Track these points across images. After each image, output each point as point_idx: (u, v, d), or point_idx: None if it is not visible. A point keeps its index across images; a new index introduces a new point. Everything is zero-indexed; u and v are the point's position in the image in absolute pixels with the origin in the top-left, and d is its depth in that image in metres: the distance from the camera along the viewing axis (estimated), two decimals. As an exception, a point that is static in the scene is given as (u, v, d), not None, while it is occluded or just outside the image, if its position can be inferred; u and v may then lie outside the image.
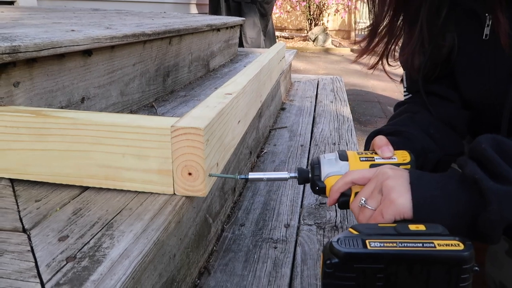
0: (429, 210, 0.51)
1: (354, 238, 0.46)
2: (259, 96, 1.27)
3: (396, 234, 0.47)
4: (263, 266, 0.88)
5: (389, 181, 0.54)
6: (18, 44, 0.70)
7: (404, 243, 0.45)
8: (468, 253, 0.44)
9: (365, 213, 0.56)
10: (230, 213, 1.09)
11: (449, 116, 0.74)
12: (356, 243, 0.45)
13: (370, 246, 0.45)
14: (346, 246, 0.45)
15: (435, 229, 0.47)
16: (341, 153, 0.64)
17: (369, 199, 0.56)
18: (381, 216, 0.53)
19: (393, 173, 0.55)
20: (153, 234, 0.56)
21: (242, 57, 2.42)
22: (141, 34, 1.16)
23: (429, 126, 0.72)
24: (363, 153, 0.65)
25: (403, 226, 0.48)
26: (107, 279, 0.46)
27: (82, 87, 0.97)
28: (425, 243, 0.45)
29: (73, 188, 0.67)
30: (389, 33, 0.72)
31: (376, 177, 0.56)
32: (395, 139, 0.68)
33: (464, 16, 0.68)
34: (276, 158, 1.49)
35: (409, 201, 0.52)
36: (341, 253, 0.45)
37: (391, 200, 0.52)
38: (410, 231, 0.47)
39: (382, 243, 0.45)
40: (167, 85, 1.46)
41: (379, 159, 0.63)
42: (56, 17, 1.36)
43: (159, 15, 2.09)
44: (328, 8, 8.71)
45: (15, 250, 0.51)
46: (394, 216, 0.52)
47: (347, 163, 0.62)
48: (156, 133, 0.63)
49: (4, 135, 0.67)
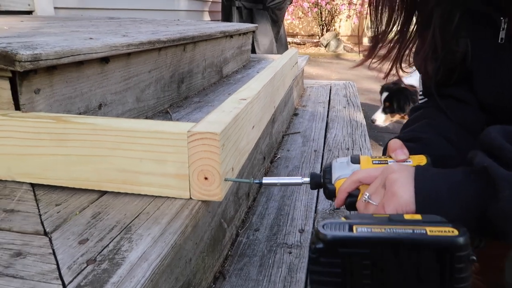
0: (433, 203, 0.49)
1: (341, 224, 0.44)
2: (272, 101, 1.28)
3: (388, 222, 0.44)
4: (278, 271, 0.88)
5: (393, 175, 0.53)
6: (39, 52, 0.72)
7: (393, 228, 0.43)
8: (463, 238, 0.41)
9: (368, 209, 0.55)
10: (244, 218, 1.09)
11: (466, 119, 0.73)
12: (343, 228, 0.44)
13: (357, 231, 0.43)
14: (331, 230, 0.44)
15: (432, 218, 0.44)
16: (354, 156, 0.63)
17: (373, 195, 0.55)
18: (383, 210, 0.52)
19: (398, 167, 0.54)
20: (171, 237, 0.56)
21: (255, 63, 2.44)
22: (156, 41, 1.18)
23: (447, 131, 0.71)
24: (376, 157, 0.64)
25: (397, 215, 0.46)
26: (126, 281, 0.47)
27: (100, 93, 0.99)
28: (416, 230, 0.42)
29: (92, 193, 0.69)
30: (400, 40, 0.72)
31: (382, 173, 0.56)
32: (414, 145, 0.67)
33: (477, 20, 0.68)
34: (289, 163, 1.49)
35: (411, 194, 0.50)
36: (326, 237, 0.43)
37: (393, 192, 0.51)
38: (404, 219, 0.45)
39: (370, 228, 0.43)
40: (182, 91, 1.47)
41: (392, 162, 0.62)
42: (73, 26, 1.39)
43: (173, 23, 2.12)
44: (339, 14, 8.71)
45: (38, 253, 0.52)
46: (396, 209, 0.50)
47: (358, 166, 0.62)
48: (173, 138, 0.64)
49: (25, 141, 0.69)
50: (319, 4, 8.36)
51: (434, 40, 0.68)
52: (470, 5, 0.67)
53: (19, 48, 0.71)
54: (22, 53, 0.69)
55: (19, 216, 0.61)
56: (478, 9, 0.67)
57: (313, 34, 9.43)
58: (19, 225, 0.58)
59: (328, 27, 8.79)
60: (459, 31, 0.68)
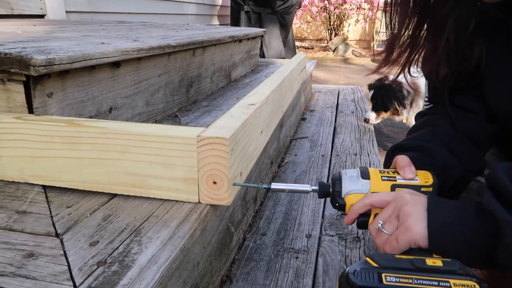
0: (445, 239, 0.51)
1: (370, 271, 0.46)
2: (280, 106, 1.28)
3: (413, 269, 0.47)
4: (285, 276, 0.89)
5: (407, 207, 0.54)
6: (53, 56, 0.74)
7: (420, 280, 0.45)
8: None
9: (381, 237, 0.56)
10: (251, 222, 1.10)
11: (471, 130, 0.73)
12: (372, 277, 0.46)
13: (386, 280, 0.45)
14: (362, 279, 0.46)
15: (452, 265, 0.47)
16: (363, 170, 0.64)
17: (386, 223, 0.56)
18: (396, 241, 0.53)
19: (411, 198, 0.55)
20: (180, 241, 0.57)
21: (263, 68, 2.45)
22: (166, 46, 1.20)
23: (450, 141, 0.71)
24: (385, 172, 0.64)
25: (420, 260, 0.48)
26: (136, 284, 0.48)
27: (110, 97, 1.00)
28: (441, 281, 0.45)
29: (102, 195, 0.70)
30: (411, 45, 0.72)
31: (394, 201, 0.57)
32: (416, 155, 0.67)
33: (492, 26, 0.68)
34: (297, 168, 1.49)
35: (424, 229, 0.52)
36: (357, 286, 0.45)
37: (407, 227, 0.53)
38: (427, 266, 0.47)
39: (398, 278, 0.45)
40: (190, 95, 1.49)
41: (401, 179, 0.63)
42: (85, 30, 1.42)
43: (182, 27, 2.14)
44: (348, 18, 8.71)
45: (49, 254, 0.53)
46: (409, 243, 0.52)
47: (368, 182, 0.62)
48: (183, 143, 0.65)
49: (38, 143, 0.70)
50: (327, 9, 8.37)
51: (448, 45, 0.68)
52: (486, 11, 0.67)
53: (33, 53, 0.72)
54: (37, 57, 0.70)
55: (31, 217, 0.62)
56: (493, 15, 0.66)
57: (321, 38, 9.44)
58: (31, 226, 0.60)
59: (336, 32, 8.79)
60: (475, 37, 0.68)
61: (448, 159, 0.69)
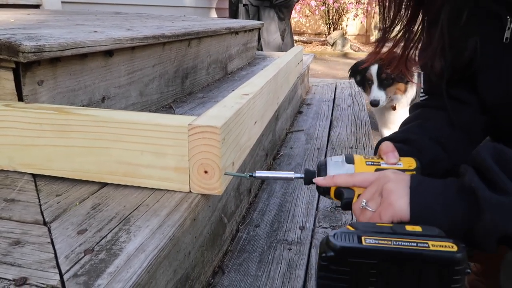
0: (426, 215, 0.52)
1: (350, 234, 0.48)
2: (276, 98, 1.27)
3: (392, 233, 0.48)
4: (277, 267, 0.88)
5: (389, 184, 0.55)
6: (43, 43, 0.72)
7: (399, 241, 0.46)
8: (461, 254, 0.45)
9: (365, 215, 0.57)
10: (245, 214, 1.09)
11: (466, 121, 0.73)
12: (352, 239, 0.47)
13: (365, 242, 0.46)
14: (342, 240, 0.47)
15: (431, 231, 0.48)
16: (348, 156, 0.64)
17: (370, 201, 0.57)
18: (379, 217, 0.54)
19: (395, 176, 0.56)
20: (169, 230, 0.56)
21: (260, 60, 2.43)
22: (160, 36, 1.19)
23: (439, 135, 0.71)
24: (369, 158, 0.65)
25: (399, 226, 0.49)
26: (123, 271, 0.47)
27: (103, 86, 0.99)
28: (419, 243, 0.46)
29: (93, 184, 0.69)
30: (405, 35, 0.71)
31: (377, 180, 0.57)
32: (404, 147, 0.67)
33: (485, 18, 0.67)
34: (292, 160, 1.48)
35: (407, 205, 0.52)
36: (337, 247, 0.46)
37: (389, 202, 0.53)
38: (406, 231, 0.48)
39: (377, 240, 0.47)
40: (185, 86, 1.48)
41: (384, 164, 0.63)
42: (79, 19, 1.40)
43: (179, 18, 2.12)
44: (347, 13, 8.67)
45: (36, 242, 0.52)
46: (391, 218, 0.53)
47: (353, 166, 0.63)
48: (174, 131, 0.64)
49: (28, 131, 0.69)
50: (326, 3, 8.33)
51: (442, 37, 0.68)
52: (478, 3, 0.66)
53: (23, 39, 0.71)
54: (26, 44, 0.69)
55: (19, 205, 0.61)
56: (487, 6, 0.66)
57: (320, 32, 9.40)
58: (19, 214, 0.59)
59: (335, 26, 8.76)
60: (469, 30, 0.68)
61: (435, 153, 0.69)
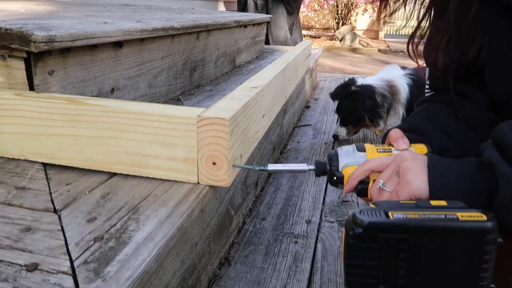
0: (445, 191, 0.50)
1: (376, 210, 0.46)
2: (284, 91, 1.27)
3: (417, 207, 0.47)
4: (283, 260, 0.89)
5: (406, 163, 0.54)
6: (54, 33, 0.73)
7: (427, 214, 0.45)
8: (492, 223, 0.44)
9: (383, 196, 0.56)
10: (252, 207, 1.10)
11: (471, 116, 0.72)
12: (379, 214, 0.45)
13: (393, 216, 0.45)
14: (369, 216, 0.45)
15: (457, 204, 0.47)
16: (359, 145, 0.64)
17: (387, 182, 0.56)
18: (397, 196, 0.53)
19: (411, 156, 0.55)
20: (177, 220, 0.57)
21: (268, 54, 2.42)
22: (170, 28, 1.19)
23: (447, 127, 0.70)
24: (380, 145, 0.65)
25: (424, 202, 0.48)
26: (132, 259, 0.48)
27: (112, 78, 0.99)
28: (447, 215, 0.45)
29: (102, 174, 0.70)
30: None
31: (394, 161, 0.56)
32: (412, 135, 0.67)
33: (495, 11, 0.66)
34: (299, 154, 1.48)
35: (425, 183, 0.51)
36: (365, 223, 0.44)
37: (406, 180, 0.52)
38: (432, 205, 0.47)
39: (405, 214, 0.45)
40: (194, 79, 1.48)
41: (396, 151, 0.62)
42: (89, 11, 1.40)
43: (187, 11, 2.12)
44: (356, 8, 8.59)
45: (47, 229, 0.53)
46: (409, 196, 0.52)
47: (364, 154, 0.62)
48: (183, 123, 0.64)
49: (39, 121, 0.70)
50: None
51: (448, 30, 0.66)
52: None
53: (34, 29, 0.71)
54: (37, 33, 0.70)
55: (30, 193, 0.62)
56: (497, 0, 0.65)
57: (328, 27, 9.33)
58: (30, 202, 0.60)
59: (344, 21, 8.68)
60: (476, 25, 0.67)
61: (444, 141, 0.68)
